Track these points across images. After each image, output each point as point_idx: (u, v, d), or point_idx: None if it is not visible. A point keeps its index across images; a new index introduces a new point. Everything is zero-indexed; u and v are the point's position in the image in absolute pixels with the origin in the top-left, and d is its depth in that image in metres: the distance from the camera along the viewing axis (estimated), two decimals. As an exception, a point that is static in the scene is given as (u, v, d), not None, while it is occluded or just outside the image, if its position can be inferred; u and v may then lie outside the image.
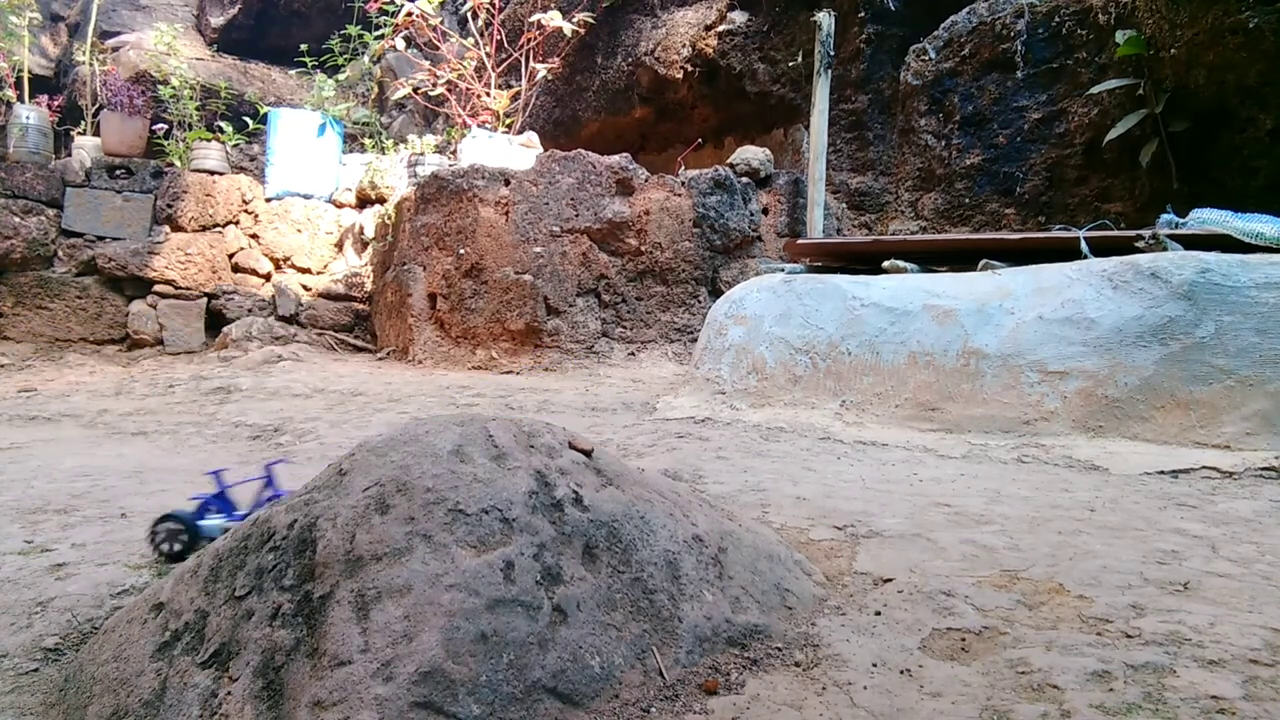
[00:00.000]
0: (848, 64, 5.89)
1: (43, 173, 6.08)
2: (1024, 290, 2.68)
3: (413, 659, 0.86)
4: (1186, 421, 2.31)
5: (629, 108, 7.45)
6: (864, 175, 5.94)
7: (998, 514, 1.73)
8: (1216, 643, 0.98)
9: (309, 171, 6.74)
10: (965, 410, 2.61)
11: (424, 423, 1.21)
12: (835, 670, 0.97)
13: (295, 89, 8.74)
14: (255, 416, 3.26)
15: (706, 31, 6.70)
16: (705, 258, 5.25)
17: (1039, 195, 4.62)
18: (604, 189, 5.10)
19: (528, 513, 1.04)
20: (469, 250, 4.95)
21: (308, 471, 2.28)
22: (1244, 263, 2.38)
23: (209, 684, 0.93)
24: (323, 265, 6.68)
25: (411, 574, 0.94)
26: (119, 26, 8.75)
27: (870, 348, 2.86)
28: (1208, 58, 3.61)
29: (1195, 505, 1.82)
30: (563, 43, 6.78)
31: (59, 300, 5.95)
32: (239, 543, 1.09)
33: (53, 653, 1.15)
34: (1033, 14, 4.58)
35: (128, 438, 2.96)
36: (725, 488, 1.97)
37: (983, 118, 4.82)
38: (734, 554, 1.21)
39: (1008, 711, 0.85)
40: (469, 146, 5.59)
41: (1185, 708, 0.83)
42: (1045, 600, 1.18)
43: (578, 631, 0.95)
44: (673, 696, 0.93)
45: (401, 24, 6.31)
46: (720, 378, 3.25)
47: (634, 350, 5.08)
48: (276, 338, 5.76)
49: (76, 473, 2.26)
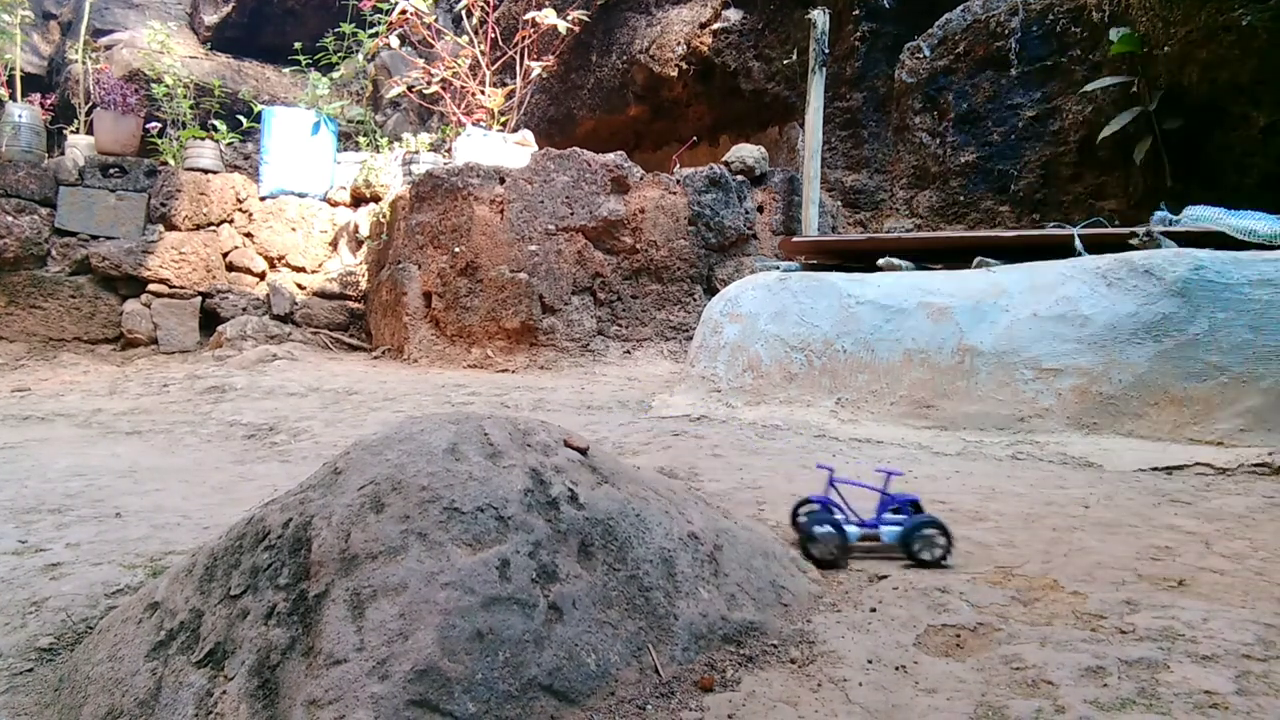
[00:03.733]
0: (842, 62, 5.90)
1: (36, 171, 6.05)
2: (1018, 288, 2.69)
3: (408, 657, 0.86)
4: (1180, 418, 2.31)
5: (624, 106, 7.45)
6: (859, 173, 5.95)
7: (992, 511, 1.73)
8: (1210, 638, 0.98)
9: (303, 170, 6.72)
10: (960, 407, 2.62)
11: (419, 421, 1.21)
12: (830, 667, 0.97)
13: (289, 87, 8.71)
14: (250, 415, 3.26)
15: (701, 29, 6.70)
16: (700, 256, 5.25)
17: (1033, 193, 4.63)
18: (599, 187, 5.09)
19: (523, 511, 1.04)
20: (464, 249, 4.94)
21: (302, 470, 2.28)
22: (1237, 260, 2.39)
23: (204, 683, 0.93)
24: (317, 264, 6.66)
25: (407, 572, 0.93)
26: (112, 25, 8.72)
27: (865, 345, 2.87)
28: (1201, 55, 3.62)
29: (1189, 501, 1.83)
30: (557, 41, 6.77)
31: (53, 299, 5.92)
32: (234, 541, 1.08)
33: (47, 653, 1.15)
34: (1027, 11, 4.59)
35: (122, 437, 2.95)
36: (721, 485, 1.97)
37: (977, 115, 4.82)
38: (729, 551, 1.21)
39: (1002, 707, 0.85)
40: (464, 145, 5.58)
41: (1179, 703, 0.84)
42: (1040, 596, 1.18)
43: (573, 629, 0.95)
44: (668, 694, 0.93)
45: (396, 22, 6.29)
46: (716, 375, 3.25)
47: (629, 348, 5.08)
48: (271, 337, 5.74)
49: (70, 472, 2.25)
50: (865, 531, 1.40)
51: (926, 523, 1.36)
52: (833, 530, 1.35)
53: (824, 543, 1.35)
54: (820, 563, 1.34)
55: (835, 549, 1.34)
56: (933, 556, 1.34)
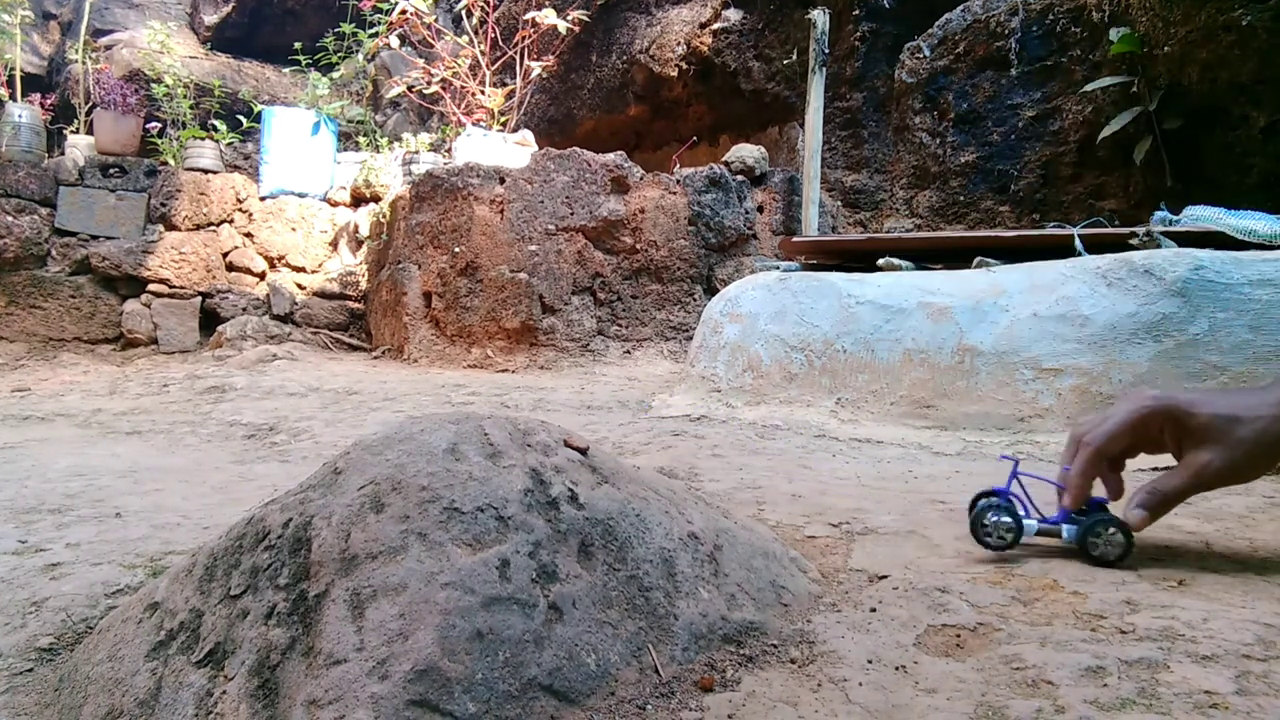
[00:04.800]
0: (842, 62, 5.90)
1: (35, 171, 6.05)
2: (1018, 287, 2.69)
3: (408, 657, 0.86)
4: (1180, 418, 2.31)
5: (624, 106, 7.45)
6: (859, 173, 5.95)
7: (992, 511, 1.73)
8: (1210, 638, 0.98)
9: (303, 170, 6.73)
10: (960, 407, 2.62)
11: (419, 421, 1.21)
12: (830, 667, 0.97)
13: (289, 87, 8.71)
14: (250, 415, 3.26)
15: (701, 29, 6.70)
16: (700, 256, 5.25)
17: (1033, 193, 4.63)
18: (599, 187, 5.09)
19: (523, 511, 1.04)
20: (464, 249, 4.94)
21: (302, 470, 2.27)
22: (1237, 260, 2.39)
23: (204, 683, 0.93)
24: (317, 264, 6.66)
25: (407, 572, 0.93)
26: (112, 25, 8.72)
27: (865, 345, 2.87)
28: (1201, 55, 3.62)
29: (1189, 501, 1.82)
30: (557, 41, 6.77)
31: (52, 299, 5.92)
32: (234, 541, 1.08)
33: (47, 653, 1.15)
34: (1027, 11, 4.59)
35: (122, 437, 2.95)
36: (721, 485, 1.97)
37: (977, 115, 4.82)
38: (729, 551, 1.21)
39: (1002, 707, 0.85)
40: (464, 145, 5.58)
41: (1179, 703, 0.84)
42: (1039, 596, 1.18)
43: (574, 629, 0.95)
44: (668, 694, 0.93)
45: (396, 22, 6.29)
46: (716, 375, 3.25)
47: (629, 348, 5.08)
48: (271, 337, 5.74)
49: (70, 472, 2.25)
50: (1044, 526, 1.37)
51: (1108, 521, 1.33)
52: (1010, 520, 1.34)
53: (995, 531, 1.34)
54: (991, 549, 1.34)
55: (1007, 537, 1.34)
56: (1112, 557, 1.32)
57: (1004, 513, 1.35)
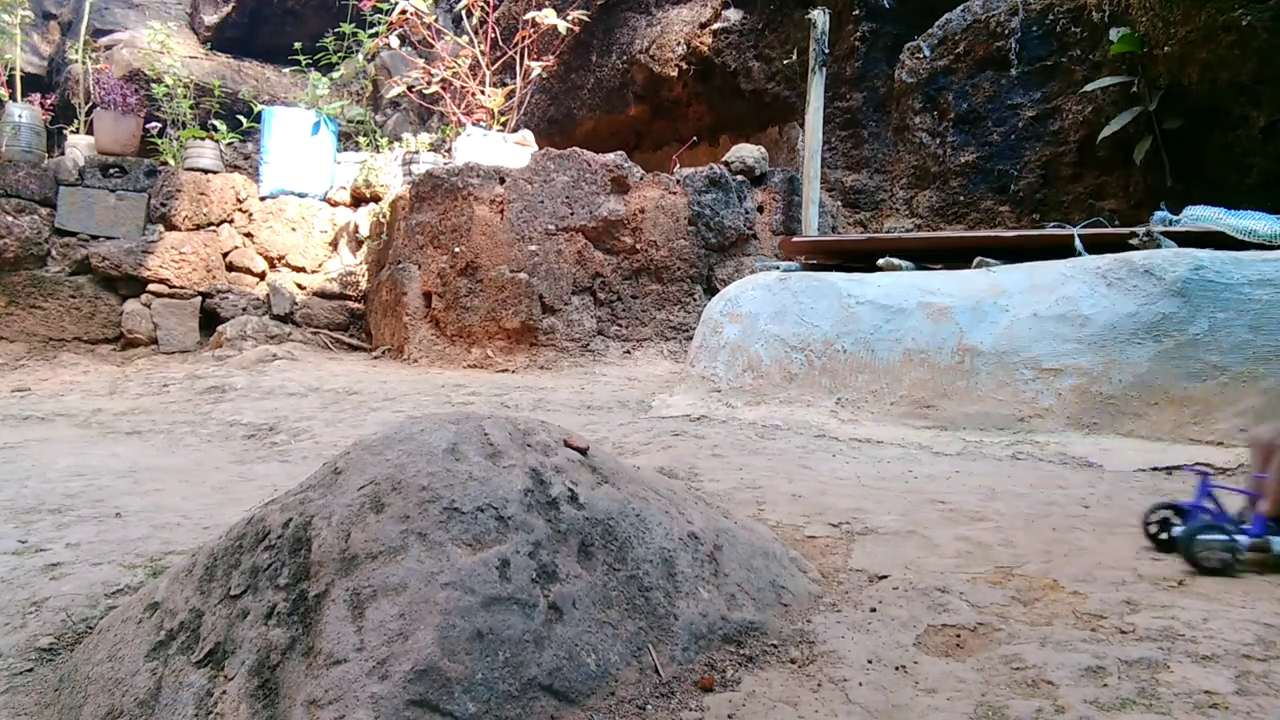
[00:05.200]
0: (843, 62, 5.90)
1: (35, 171, 6.05)
2: (1018, 287, 2.69)
3: (408, 657, 0.86)
4: (1180, 418, 2.31)
5: (624, 106, 7.45)
6: (859, 173, 5.95)
7: (992, 510, 1.73)
8: (1210, 638, 0.98)
9: (303, 170, 6.72)
10: (960, 407, 2.62)
11: (419, 421, 1.21)
12: (831, 667, 0.97)
13: (289, 87, 8.71)
14: (250, 415, 3.26)
15: (701, 29, 6.70)
16: (700, 256, 5.25)
17: (1033, 192, 4.63)
18: (599, 187, 5.09)
19: (523, 511, 1.04)
20: (464, 249, 4.94)
21: (302, 470, 2.27)
22: (1237, 260, 2.39)
23: (204, 683, 0.93)
24: (317, 264, 6.66)
25: (407, 572, 0.93)
26: (112, 25, 8.71)
27: (865, 345, 2.87)
28: (1201, 55, 3.62)
29: (1189, 501, 1.82)
30: (557, 41, 6.77)
31: (53, 299, 5.92)
32: (234, 541, 1.08)
33: (47, 653, 1.15)
34: (1027, 11, 4.59)
35: (122, 437, 2.95)
36: (721, 485, 1.97)
37: (977, 115, 4.82)
38: (729, 551, 1.21)
39: (1002, 708, 0.85)
40: (464, 145, 5.58)
41: (1179, 703, 0.84)
42: (1040, 596, 1.18)
43: (573, 629, 0.95)
44: (669, 694, 0.93)
45: (396, 22, 6.29)
46: (716, 375, 3.25)
47: (629, 348, 5.08)
48: (271, 337, 5.74)
49: (70, 472, 2.25)
50: (1253, 541, 1.32)
51: None
52: (1227, 539, 1.30)
53: (1212, 551, 1.29)
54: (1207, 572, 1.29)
55: (1227, 557, 1.29)
56: None
57: (1219, 531, 1.30)
